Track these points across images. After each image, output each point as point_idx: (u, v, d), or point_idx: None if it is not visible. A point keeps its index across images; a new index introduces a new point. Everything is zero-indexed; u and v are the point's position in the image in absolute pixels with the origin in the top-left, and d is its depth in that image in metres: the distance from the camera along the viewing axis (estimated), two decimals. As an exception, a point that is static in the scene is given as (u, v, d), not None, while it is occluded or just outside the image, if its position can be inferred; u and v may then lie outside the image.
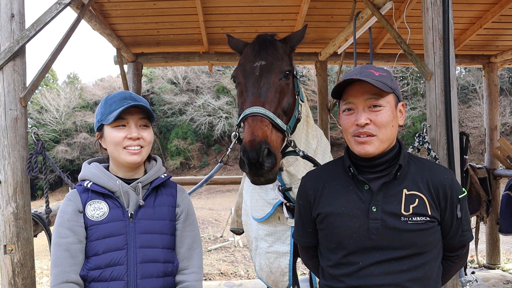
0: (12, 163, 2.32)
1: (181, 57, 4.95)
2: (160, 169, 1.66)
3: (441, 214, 1.43)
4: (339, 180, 1.52)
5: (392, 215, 1.38)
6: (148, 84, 29.43)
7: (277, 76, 1.76)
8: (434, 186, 1.42)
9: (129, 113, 1.54)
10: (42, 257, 8.79)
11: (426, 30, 2.50)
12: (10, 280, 2.29)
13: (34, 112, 30.41)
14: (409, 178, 1.44)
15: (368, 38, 3.71)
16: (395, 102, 1.45)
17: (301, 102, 1.98)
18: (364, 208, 1.42)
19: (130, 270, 1.47)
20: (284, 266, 2.24)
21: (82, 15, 2.98)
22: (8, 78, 2.33)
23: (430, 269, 1.42)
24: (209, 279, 5.78)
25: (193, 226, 1.65)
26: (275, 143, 1.63)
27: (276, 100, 1.71)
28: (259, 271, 2.40)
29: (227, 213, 12.99)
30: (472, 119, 22.26)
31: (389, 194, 1.41)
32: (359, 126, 1.40)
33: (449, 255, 1.53)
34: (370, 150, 1.40)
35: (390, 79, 1.44)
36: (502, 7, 4.12)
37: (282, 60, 1.82)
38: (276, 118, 1.65)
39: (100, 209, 1.51)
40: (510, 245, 7.65)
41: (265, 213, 2.24)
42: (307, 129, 2.12)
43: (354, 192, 1.46)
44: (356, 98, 1.41)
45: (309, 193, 1.56)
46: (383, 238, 1.38)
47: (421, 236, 1.38)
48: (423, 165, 1.49)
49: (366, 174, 1.47)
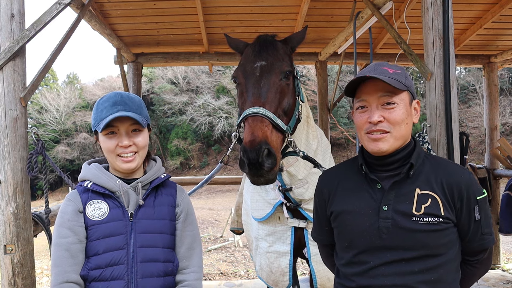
0: (12, 163, 2.32)
1: (181, 57, 4.95)
2: (160, 169, 1.66)
3: (457, 215, 1.38)
4: (352, 178, 1.50)
5: (403, 214, 1.35)
6: (148, 84, 29.43)
7: (277, 77, 1.75)
8: (449, 186, 1.38)
9: (119, 120, 1.52)
10: (42, 257, 8.79)
11: (426, 30, 2.50)
12: (10, 280, 2.29)
13: (34, 112, 30.41)
14: (422, 177, 1.40)
15: (368, 38, 3.71)
16: (410, 100, 1.43)
17: (302, 102, 1.98)
18: (375, 207, 1.40)
19: (131, 269, 1.47)
20: (284, 266, 2.24)
21: (82, 15, 2.98)
22: (8, 78, 2.33)
23: (444, 272, 1.37)
24: (209, 279, 5.78)
25: (192, 225, 1.65)
26: (275, 144, 1.63)
27: (277, 101, 1.71)
28: (259, 271, 2.40)
29: (227, 213, 12.99)
30: (472, 119, 22.27)
31: (401, 193, 1.39)
32: (372, 124, 1.39)
33: (469, 259, 1.46)
34: (383, 147, 1.38)
35: (405, 77, 1.41)
36: (502, 7, 4.12)
37: (283, 61, 1.81)
38: (277, 118, 1.65)
39: (100, 209, 1.51)
40: (510, 245, 7.65)
41: (265, 213, 2.24)
42: (308, 130, 2.12)
43: (367, 190, 1.44)
44: (370, 95, 1.40)
45: (324, 191, 1.56)
46: (394, 238, 1.35)
47: (434, 237, 1.34)
48: (439, 164, 1.45)
49: (379, 173, 1.44)
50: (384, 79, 1.34)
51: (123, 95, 1.56)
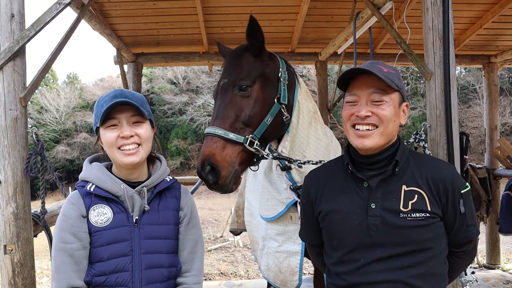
0: (12, 163, 2.32)
1: (181, 57, 4.95)
2: (165, 171, 1.62)
3: (443, 210, 1.41)
4: (339, 178, 1.52)
5: (391, 211, 1.38)
6: (148, 84, 29.45)
7: (233, 92, 1.83)
8: (434, 181, 1.41)
9: (120, 111, 1.45)
10: (42, 257, 8.79)
11: (426, 30, 2.50)
12: (10, 280, 2.29)
13: (34, 112, 30.41)
14: (408, 174, 1.43)
15: (368, 38, 3.71)
16: (399, 101, 1.45)
17: (283, 103, 1.92)
18: (363, 205, 1.41)
19: (135, 276, 1.45)
20: (294, 265, 2.24)
21: (82, 15, 2.98)
22: (8, 78, 2.33)
23: (434, 266, 1.40)
24: (209, 279, 5.78)
25: (195, 228, 1.62)
26: (226, 158, 1.73)
27: (232, 116, 1.79)
28: (265, 271, 2.38)
29: (227, 213, 12.99)
30: (472, 119, 22.26)
31: (388, 191, 1.41)
32: (358, 117, 1.40)
33: (455, 251, 1.51)
34: (368, 144, 1.40)
35: (398, 78, 1.44)
36: (502, 7, 4.12)
37: (241, 73, 1.85)
38: (229, 133, 1.74)
39: (104, 214, 1.46)
40: (510, 245, 7.65)
41: (277, 212, 2.25)
42: (316, 126, 2.12)
43: (354, 189, 1.46)
44: (361, 90, 1.41)
45: (311, 191, 1.57)
46: (383, 235, 1.38)
47: (421, 233, 1.37)
48: (423, 160, 1.48)
49: (366, 171, 1.46)
50: (378, 75, 1.36)
51: (123, 90, 1.52)
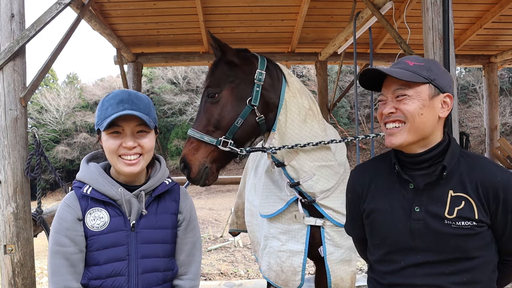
0: (12, 163, 2.32)
1: (181, 57, 4.95)
2: (164, 173, 1.59)
3: (491, 217, 1.32)
4: (384, 176, 1.48)
5: (435, 217, 1.32)
6: (148, 84, 29.43)
7: (204, 98, 2.08)
8: (484, 187, 1.31)
9: (124, 119, 1.42)
10: (42, 257, 8.79)
11: (426, 30, 2.50)
12: (10, 280, 2.29)
13: (34, 112, 30.40)
14: (456, 178, 1.35)
15: (368, 38, 3.71)
16: (431, 93, 1.36)
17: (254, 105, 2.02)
18: (407, 208, 1.37)
19: (132, 281, 1.45)
20: (297, 265, 2.23)
21: (82, 15, 2.98)
22: (8, 78, 2.33)
23: (480, 274, 1.33)
24: (209, 279, 5.78)
25: (194, 232, 1.61)
26: (197, 157, 1.98)
27: (205, 120, 2.02)
28: (266, 271, 2.36)
29: (227, 213, 12.99)
30: (472, 119, 22.27)
31: (433, 195, 1.34)
32: (386, 115, 1.39)
33: (506, 259, 1.41)
34: (396, 141, 1.36)
35: (426, 69, 1.36)
36: (502, 7, 4.12)
37: (212, 81, 2.07)
38: (203, 136, 1.98)
39: (101, 218, 1.45)
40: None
41: (276, 209, 2.24)
42: (304, 125, 2.11)
43: (399, 190, 1.41)
44: (387, 88, 1.40)
45: (357, 188, 1.54)
46: (425, 240, 1.32)
47: (467, 241, 1.29)
48: (475, 163, 1.38)
49: (412, 171, 1.41)
50: (390, 73, 1.32)
51: (130, 93, 1.47)
